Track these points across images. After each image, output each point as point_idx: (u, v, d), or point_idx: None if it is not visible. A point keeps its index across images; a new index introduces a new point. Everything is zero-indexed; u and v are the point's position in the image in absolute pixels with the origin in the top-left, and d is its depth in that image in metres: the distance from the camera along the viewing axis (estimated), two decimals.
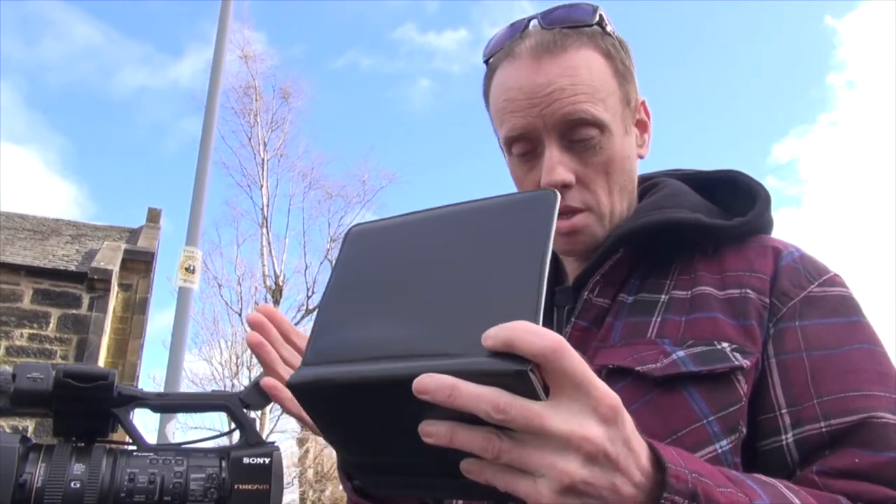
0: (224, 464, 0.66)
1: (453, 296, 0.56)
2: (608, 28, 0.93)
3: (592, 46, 0.90)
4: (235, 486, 0.65)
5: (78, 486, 0.61)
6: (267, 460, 0.67)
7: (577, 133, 0.88)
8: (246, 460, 0.67)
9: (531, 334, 0.51)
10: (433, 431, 0.53)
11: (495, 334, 0.51)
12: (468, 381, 0.50)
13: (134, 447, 0.67)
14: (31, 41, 25.44)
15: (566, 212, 0.91)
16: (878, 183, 26.12)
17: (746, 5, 27.93)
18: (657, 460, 0.58)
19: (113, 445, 0.67)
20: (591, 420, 0.53)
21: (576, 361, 0.52)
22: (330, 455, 16.76)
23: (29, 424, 7.97)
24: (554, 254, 1.02)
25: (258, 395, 0.71)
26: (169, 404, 0.71)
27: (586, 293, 0.91)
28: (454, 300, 0.56)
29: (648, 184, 1.02)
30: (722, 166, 1.03)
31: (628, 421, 0.56)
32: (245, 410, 0.71)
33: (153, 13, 25.66)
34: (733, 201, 0.97)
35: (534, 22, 0.93)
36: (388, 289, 0.60)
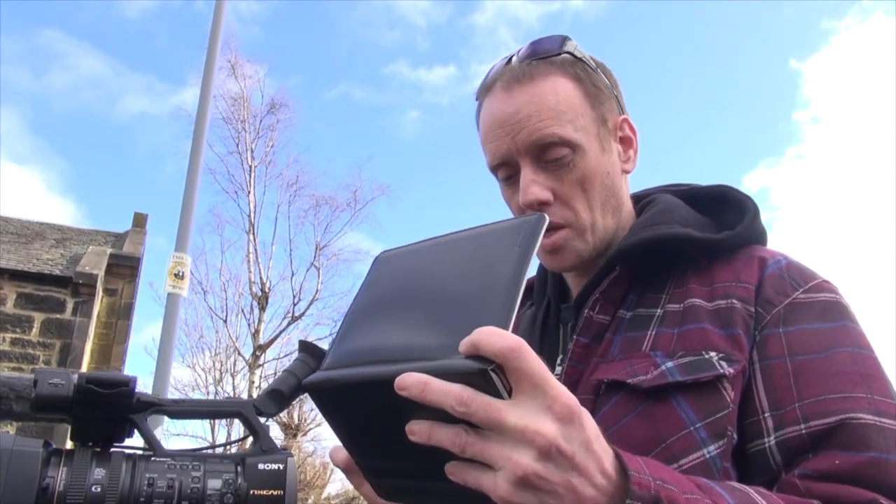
0: (240, 469, 0.67)
1: (446, 309, 0.64)
2: (578, 54, 0.98)
3: (561, 73, 0.95)
4: (251, 492, 0.66)
5: (99, 490, 0.62)
6: (281, 466, 0.68)
7: (549, 154, 0.92)
8: (261, 466, 0.68)
9: (493, 336, 0.56)
10: (416, 430, 0.60)
11: (467, 339, 0.57)
12: (441, 379, 0.56)
13: (151, 452, 0.68)
14: (39, 72, 26.45)
15: (548, 229, 0.95)
16: (844, 209, 27.85)
17: (715, 49, 29.93)
18: (623, 467, 0.61)
19: (131, 450, 0.68)
20: (546, 417, 0.57)
21: (534, 362, 0.57)
22: (313, 464, 16.65)
23: (9, 429, 7.86)
24: (560, 273, 1.06)
25: (272, 403, 0.73)
26: (185, 410, 0.72)
27: (587, 311, 0.94)
28: (446, 313, 0.63)
29: (645, 200, 1.05)
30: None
31: (589, 424, 0.60)
32: (259, 417, 0.72)
33: (159, 49, 26.76)
34: (725, 215, 1.00)
35: (513, 58, 0.99)
36: (396, 306, 0.68)
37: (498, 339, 0.56)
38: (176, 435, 15.17)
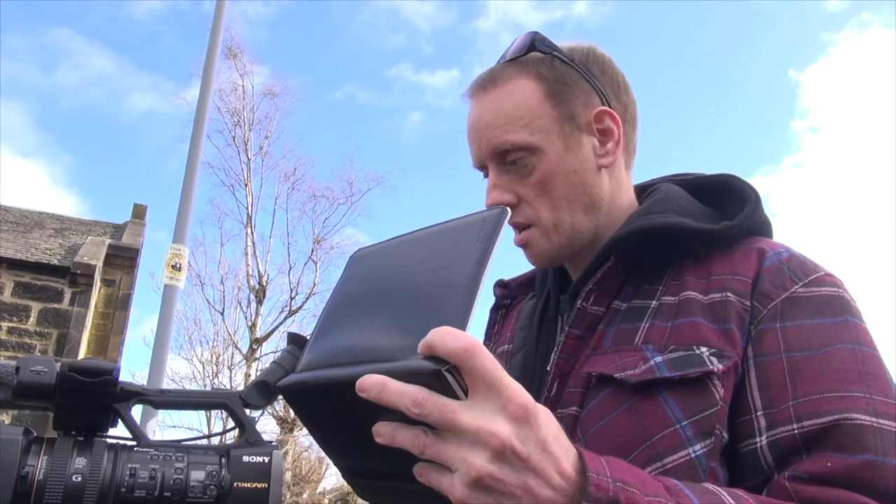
0: (224, 461, 0.66)
1: (409, 308, 0.64)
2: (548, 50, 0.97)
3: (524, 74, 0.95)
4: (235, 484, 0.65)
5: (79, 479, 0.61)
6: (266, 459, 0.67)
7: (509, 157, 0.94)
8: (246, 459, 0.67)
9: (447, 336, 0.56)
10: (381, 431, 0.60)
11: (423, 340, 0.57)
12: (399, 380, 0.56)
13: (134, 443, 0.67)
14: (48, 68, 26.94)
15: (515, 228, 0.97)
16: (842, 218, 28.34)
17: (714, 57, 30.53)
18: (584, 468, 0.60)
19: (113, 440, 0.67)
20: (501, 417, 0.57)
21: (488, 362, 0.57)
22: (308, 458, 16.67)
23: (5, 418, 7.86)
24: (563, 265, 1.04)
25: (259, 394, 0.72)
26: (170, 401, 0.71)
27: (580, 302, 0.92)
28: (409, 312, 0.63)
29: (649, 191, 1.02)
30: None
31: (545, 424, 0.59)
32: (245, 409, 0.71)
33: (166, 49, 27.21)
34: (727, 205, 0.97)
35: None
36: (366, 305, 0.68)
37: (451, 339, 0.55)
38: (172, 427, 15.18)
